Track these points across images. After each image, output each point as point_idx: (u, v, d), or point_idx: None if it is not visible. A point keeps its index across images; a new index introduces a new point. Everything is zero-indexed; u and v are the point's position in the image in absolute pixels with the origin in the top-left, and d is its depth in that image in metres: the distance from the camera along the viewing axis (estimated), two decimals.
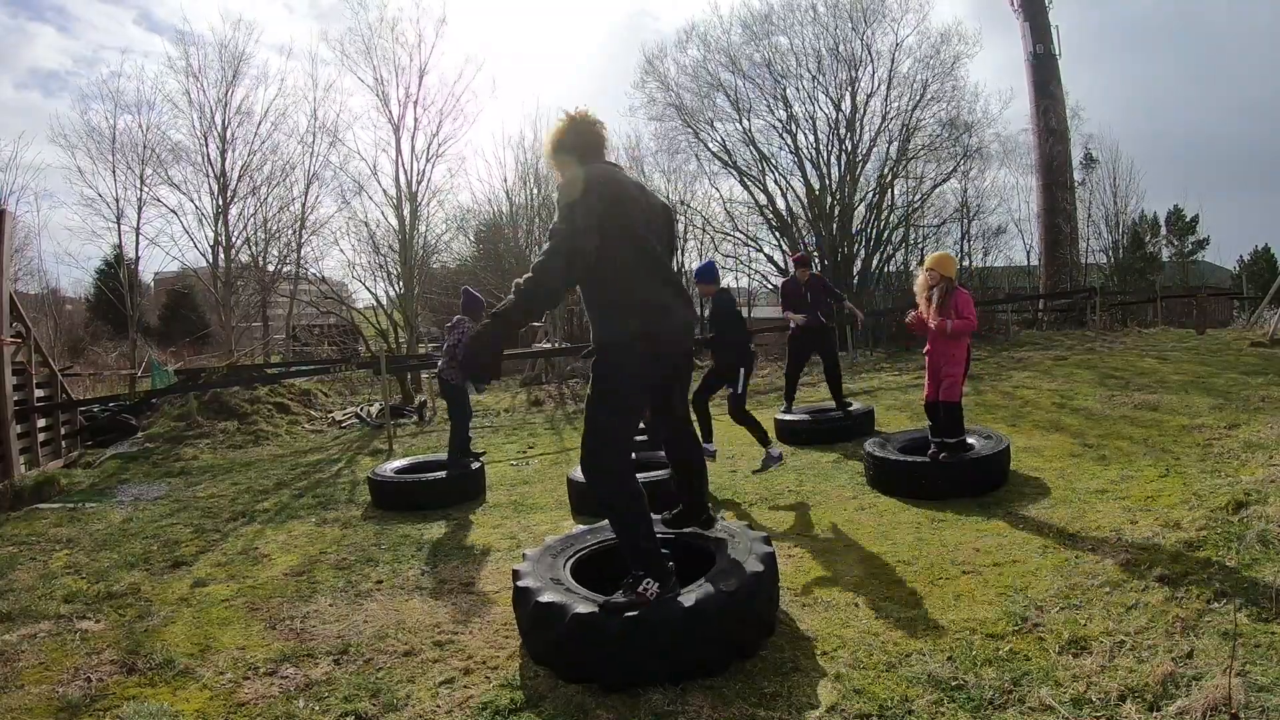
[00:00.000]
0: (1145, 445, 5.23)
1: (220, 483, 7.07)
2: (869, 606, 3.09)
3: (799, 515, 4.54)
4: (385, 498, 5.62)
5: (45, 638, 3.43)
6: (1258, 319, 12.75)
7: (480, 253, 23.25)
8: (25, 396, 8.00)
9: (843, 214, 18.19)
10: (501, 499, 5.67)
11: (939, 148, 18.30)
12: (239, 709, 2.70)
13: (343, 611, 3.58)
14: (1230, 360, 8.88)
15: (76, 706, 2.78)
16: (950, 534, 3.86)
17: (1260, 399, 6.33)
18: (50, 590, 4.08)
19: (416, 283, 19.05)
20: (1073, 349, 11.32)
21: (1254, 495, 3.66)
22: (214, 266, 19.00)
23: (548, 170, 21.14)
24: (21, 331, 8.08)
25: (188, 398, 10.31)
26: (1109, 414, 6.43)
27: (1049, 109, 17.92)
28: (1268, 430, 5.12)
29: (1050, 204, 17.93)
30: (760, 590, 2.80)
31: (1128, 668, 2.39)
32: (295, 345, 21.66)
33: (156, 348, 20.08)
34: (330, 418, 10.68)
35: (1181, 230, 28.03)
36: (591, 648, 2.57)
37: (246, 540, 4.98)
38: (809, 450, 6.28)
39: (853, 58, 18.11)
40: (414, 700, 2.67)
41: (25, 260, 21.20)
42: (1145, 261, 25.36)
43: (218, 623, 3.53)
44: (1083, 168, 23.21)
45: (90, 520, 5.80)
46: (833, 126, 18.49)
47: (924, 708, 2.32)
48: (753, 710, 2.39)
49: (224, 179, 18.59)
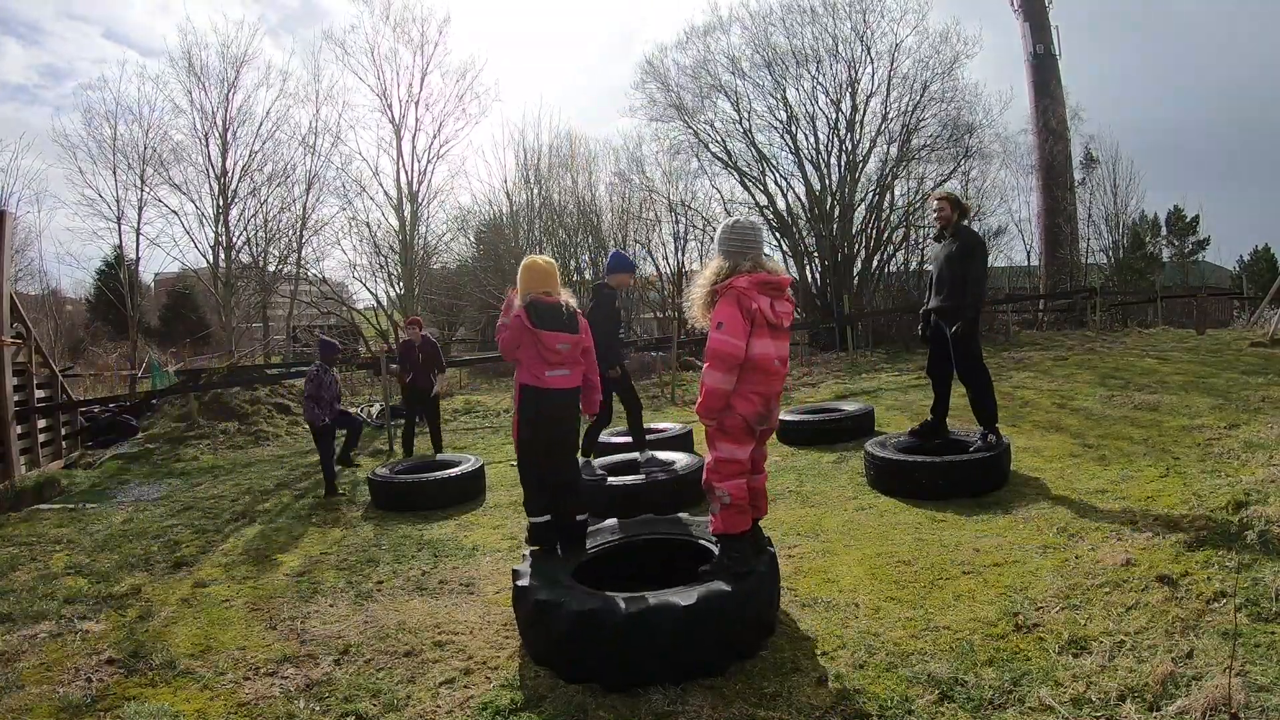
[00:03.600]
0: (1145, 445, 5.22)
1: (221, 483, 7.07)
2: (869, 606, 3.09)
3: (799, 515, 4.54)
4: (385, 498, 5.63)
5: (46, 638, 3.43)
6: (1258, 319, 12.75)
7: (480, 253, 23.26)
8: (26, 397, 8.00)
9: (843, 214, 18.18)
10: (501, 499, 5.67)
11: (939, 148, 18.29)
12: (240, 709, 2.70)
13: (343, 612, 3.58)
14: (1230, 360, 8.88)
15: (77, 707, 2.78)
16: (950, 534, 3.86)
17: (1260, 399, 6.33)
18: (51, 591, 4.08)
19: (417, 283, 19.08)
20: (1073, 349, 11.32)
21: (1254, 495, 3.66)
22: (214, 267, 19.02)
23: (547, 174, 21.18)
24: (22, 332, 8.08)
25: (188, 398, 10.32)
26: (1109, 414, 6.42)
27: (1049, 109, 17.95)
28: (1268, 430, 5.12)
29: (1050, 204, 17.95)
30: (760, 590, 2.80)
31: (1128, 668, 2.39)
32: (295, 346, 21.68)
33: (157, 348, 20.07)
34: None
35: (1181, 230, 28.05)
36: (592, 647, 2.58)
37: (247, 541, 4.99)
38: (809, 450, 6.28)
39: (853, 58, 18.13)
40: (414, 700, 2.67)
41: (26, 261, 21.25)
42: (1145, 261, 25.37)
43: (219, 623, 3.53)
44: (1083, 168, 23.24)
45: (91, 521, 5.80)
46: (833, 127, 18.49)
47: (924, 708, 2.32)
48: (753, 710, 2.39)
49: (225, 179, 18.59)
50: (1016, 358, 10.88)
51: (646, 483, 4.75)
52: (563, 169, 22.26)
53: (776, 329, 2.88)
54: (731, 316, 2.78)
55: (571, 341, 3.36)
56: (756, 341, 2.81)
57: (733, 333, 2.77)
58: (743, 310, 2.79)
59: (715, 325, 2.80)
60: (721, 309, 2.81)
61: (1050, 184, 17.92)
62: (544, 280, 3.35)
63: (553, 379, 3.32)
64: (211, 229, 18.71)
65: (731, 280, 2.83)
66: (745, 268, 2.86)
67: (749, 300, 2.80)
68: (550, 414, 3.37)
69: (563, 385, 3.36)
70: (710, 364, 2.80)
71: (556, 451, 3.44)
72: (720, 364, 2.78)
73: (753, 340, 2.81)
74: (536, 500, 3.40)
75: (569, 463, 3.52)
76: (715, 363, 2.79)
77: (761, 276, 2.85)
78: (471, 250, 24.10)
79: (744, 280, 2.82)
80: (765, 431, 3.02)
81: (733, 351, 2.76)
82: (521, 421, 3.37)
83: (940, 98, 18.03)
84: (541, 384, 3.31)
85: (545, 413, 3.35)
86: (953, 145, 18.24)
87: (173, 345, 21.80)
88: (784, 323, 2.92)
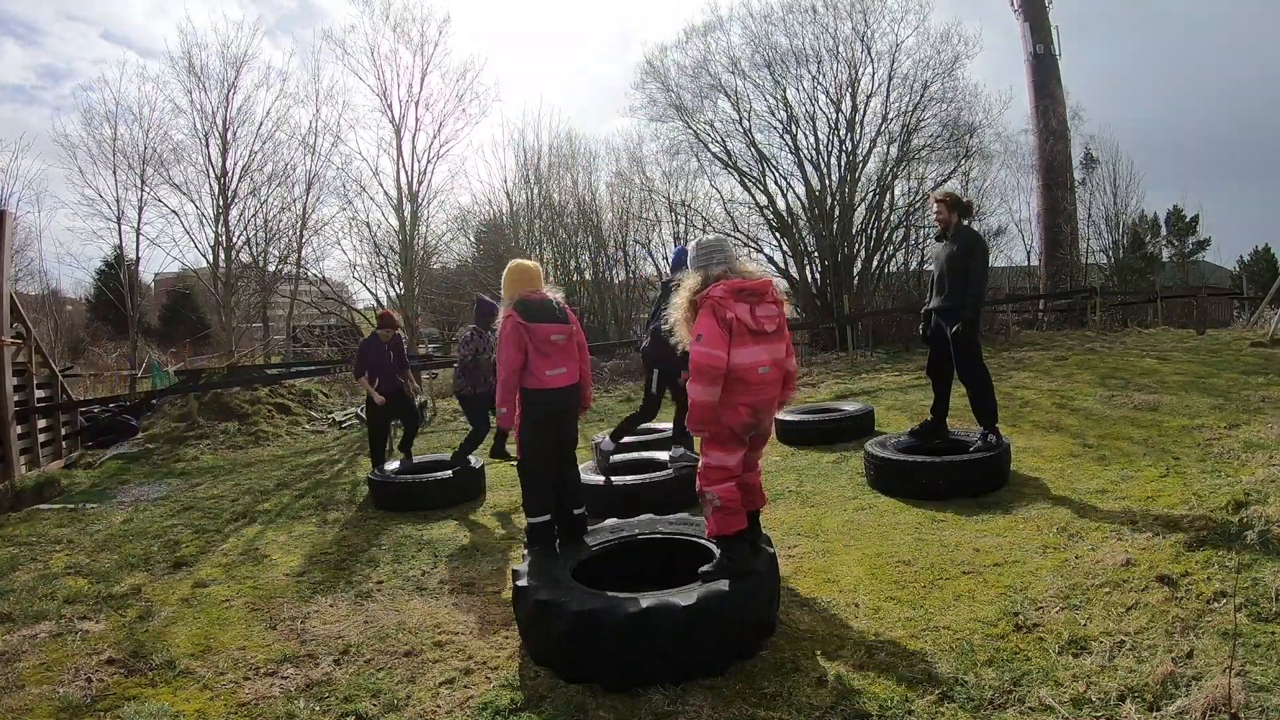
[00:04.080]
0: (1145, 445, 5.22)
1: (221, 483, 7.07)
2: (869, 606, 3.09)
3: (799, 515, 4.54)
4: (385, 498, 5.63)
5: (46, 638, 3.43)
6: (1258, 319, 12.75)
7: (480, 253, 23.24)
8: (26, 397, 8.01)
9: (843, 214, 18.17)
10: (501, 499, 5.67)
11: (939, 148, 18.26)
12: (240, 709, 2.70)
13: (343, 612, 3.58)
14: (1230, 360, 8.87)
15: (77, 707, 2.78)
16: (950, 534, 3.86)
17: (1260, 399, 6.33)
18: (51, 591, 4.08)
19: (417, 283, 19.06)
20: (1073, 349, 11.32)
21: (1254, 495, 3.66)
22: (214, 267, 18.98)
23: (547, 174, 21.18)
24: (22, 332, 8.09)
25: (188, 398, 10.32)
26: (1109, 414, 6.42)
27: (1049, 109, 17.94)
28: (1268, 430, 5.12)
29: (1050, 204, 17.94)
30: (760, 590, 2.81)
31: (1128, 668, 2.39)
32: (295, 346, 21.67)
33: (157, 348, 20.07)
34: (331, 418, 10.68)
35: (1181, 230, 28.05)
36: (592, 647, 2.58)
37: (247, 541, 4.99)
38: (809, 450, 6.28)
39: (853, 58, 18.10)
40: (414, 700, 2.67)
41: (26, 261, 21.25)
42: (1145, 261, 25.36)
43: (218, 623, 3.53)
44: (1083, 168, 23.23)
45: (91, 521, 5.80)
46: (833, 127, 18.46)
47: (924, 708, 2.32)
48: (753, 710, 2.39)
49: (225, 179, 18.59)
50: (1016, 358, 10.87)
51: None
52: (563, 169, 22.24)
53: (760, 334, 2.83)
54: (709, 328, 2.76)
55: (565, 332, 3.40)
56: (738, 351, 2.77)
57: (711, 344, 2.74)
58: (719, 320, 2.76)
59: (695, 338, 2.79)
60: (700, 321, 2.80)
61: (1050, 184, 17.90)
62: (530, 280, 3.41)
63: (553, 378, 3.35)
64: (211, 229, 18.69)
65: (707, 290, 2.82)
66: (716, 273, 2.85)
67: (724, 309, 2.77)
68: (553, 414, 3.40)
69: (563, 384, 3.39)
70: (693, 378, 2.78)
71: (560, 451, 3.48)
72: (701, 376, 2.76)
73: (734, 350, 2.76)
74: (537, 501, 3.43)
75: (570, 460, 3.56)
76: (697, 376, 2.77)
77: (736, 283, 2.83)
78: (471, 250, 24.09)
79: (718, 289, 2.80)
80: (757, 438, 3.00)
81: (712, 363, 2.74)
82: (526, 423, 3.39)
83: (940, 98, 18.01)
84: (544, 384, 3.33)
85: (549, 413, 3.40)
86: (953, 145, 18.22)
87: (173, 345, 21.80)
88: (767, 327, 2.86)
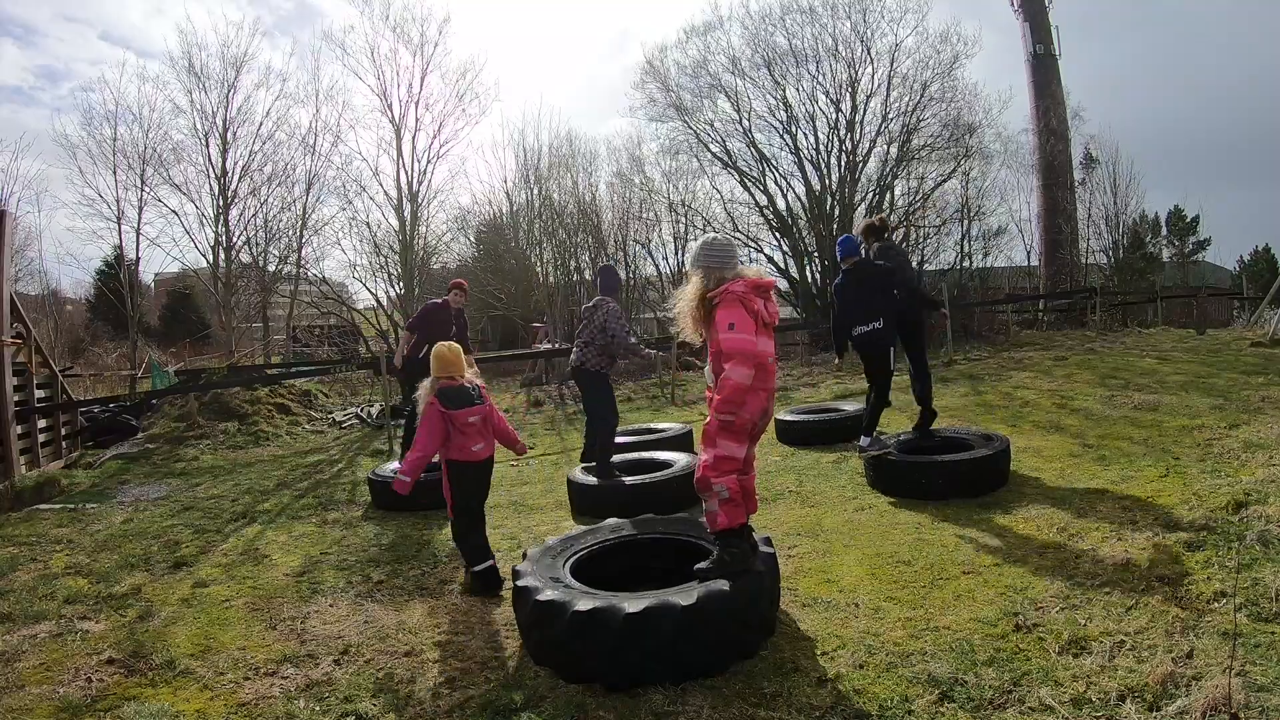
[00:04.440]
0: (1145, 445, 5.23)
1: (221, 483, 7.07)
2: (869, 606, 3.09)
3: (799, 515, 4.54)
4: (385, 498, 5.62)
5: (46, 638, 3.43)
6: (1258, 319, 12.74)
7: (480, 253, 23.24)
8: (26, 397, 8.01)
9: (843, 214, 18.17)
10: (501, 499, 5.67)
11: (939, 148, 18.26)
12: (240, 709, 2.70)
13: (343, 612, 3.59)
14: (1230, 360, 8.87)
15: (77, 707, 2.78)
16: (950, 534, 3.86)
17: (1260, 399, 6.33)
18: (51, 591, 4.08)
19: (417, 283, 19.07)
20: (1073, 349, 11.31)
21: (1254, 495, 3.66)
22: (214, 267, 18.98)
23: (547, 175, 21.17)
24: (22, 332, 8.08)
25: (188, 398, 10.31)
26: (1109, 414, 6.42)
27: (1049, 109, 17.93)
28: (1268, 430, 5.12)
29: (1050, 204, 17.93)
30: (760, 590, 2.81)
31: (1128, 668, 2.40)
32: (295, 346, 21.66)
33: (157, 348, 20.05)
34: (331, 418, 10.68)
35: (1181, 230, 28.04)
36: (592, 647, 2.58)
37: (247, 541, 4.99)
38: (809, 450, 6.28)
39: (852, 58, 18.10)
40: (414, 700, 2.67)
41: (26, 261, 21.23)
42: (1145, 262, 25.33)
43: (219, 623, 3.53)
44: (1083, 168, 23.19)
45: (91, 521, 5.80)
46: (833, 127, 18.46)
47: (924, 708, 2.32)
48: (753, 710, 2.39)
49: (225, 179, 18.59)
50: (1016, 358, 10.87)
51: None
52: (563, 169, 22.21)
53: (769, 328, 3.05)
54: (740, 317, 2.90)
55: (480, 414, 3.73)
56: (759, 339, 2.94)
57: (746, 330, 2.89)
58: (748, 311, 2.92)
59: (725, 327, 2.90)
60: (727, 313, 2.91)
61: (1050, 184, 17.88)
62: (446, 367, 3.70)
63: (477, 453, 3.73)
64: (211, 229, 18.67)
65: (728, 286, 2.95)
66: (730, 275, 3.00)
67: (751, 302, 2.94)
68: (477, 482, 3.81)
69: (483, 457, 3.78)
70: (734, 362, 2.87)
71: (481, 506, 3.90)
72: (745, 361, 2.87)
73: (757, 338, 2.93)
74: (475, 553, 3.78)
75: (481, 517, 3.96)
76: (740, 360, 2.86)
77: (753, 280, 3.01)
78: (471, 250, 24.09)
79: (739, 285, 2.95)
80: (757, 433, 3.12)
81: (751, 348, 2.88)
82: (455, 492, 3.76)
83: (940, 98, 18.00)
84: (468, 458, 3.70)
85: (474, 483, 3.80)
86: (953, 145, 18.23)
87: (173, 345, 21.78)
88: (774, 322, 3.08)
